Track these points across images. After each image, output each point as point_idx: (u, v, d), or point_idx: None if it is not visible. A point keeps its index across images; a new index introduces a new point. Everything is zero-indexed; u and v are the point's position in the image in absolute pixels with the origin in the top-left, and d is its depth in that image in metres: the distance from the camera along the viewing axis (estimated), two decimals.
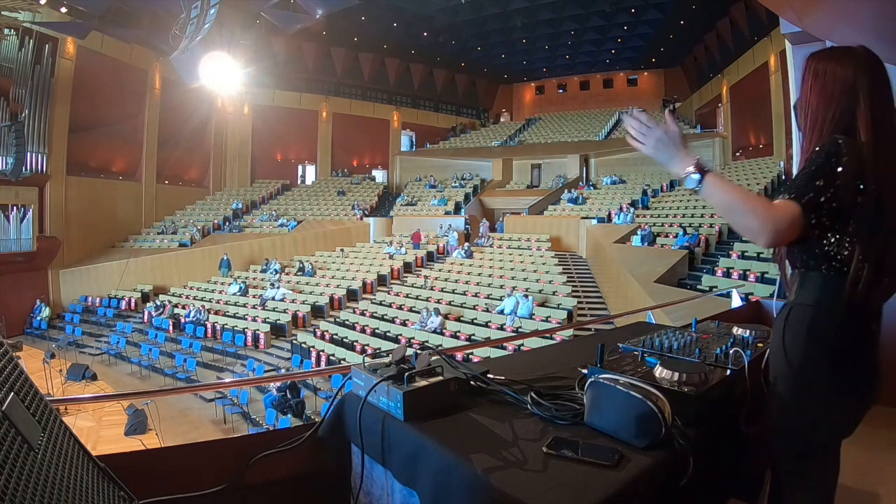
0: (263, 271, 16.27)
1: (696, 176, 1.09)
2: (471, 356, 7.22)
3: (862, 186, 1.04)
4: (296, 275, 15.93)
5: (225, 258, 16.49)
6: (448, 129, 28.03)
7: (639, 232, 12.88)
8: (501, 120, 29.52)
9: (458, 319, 11.38)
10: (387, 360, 1.28)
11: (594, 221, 15.11)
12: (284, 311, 13.32)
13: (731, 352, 1.34)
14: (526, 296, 11.04)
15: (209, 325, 13.04)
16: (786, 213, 1.03)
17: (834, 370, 1.11)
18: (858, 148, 1.05)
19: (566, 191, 18.65)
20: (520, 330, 10.23)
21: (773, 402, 1.21)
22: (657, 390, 1.06)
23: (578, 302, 11.38)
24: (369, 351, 10.48)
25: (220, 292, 15.13)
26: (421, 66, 27.34)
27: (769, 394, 1.23)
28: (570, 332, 8.63)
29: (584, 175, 20.88)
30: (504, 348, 7.92)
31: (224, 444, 1.42)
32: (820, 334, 1.11)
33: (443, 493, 0.98)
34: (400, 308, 12.62)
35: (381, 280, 14.99)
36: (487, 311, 11.42)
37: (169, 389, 9.07)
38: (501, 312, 11.05)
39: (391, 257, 16.04)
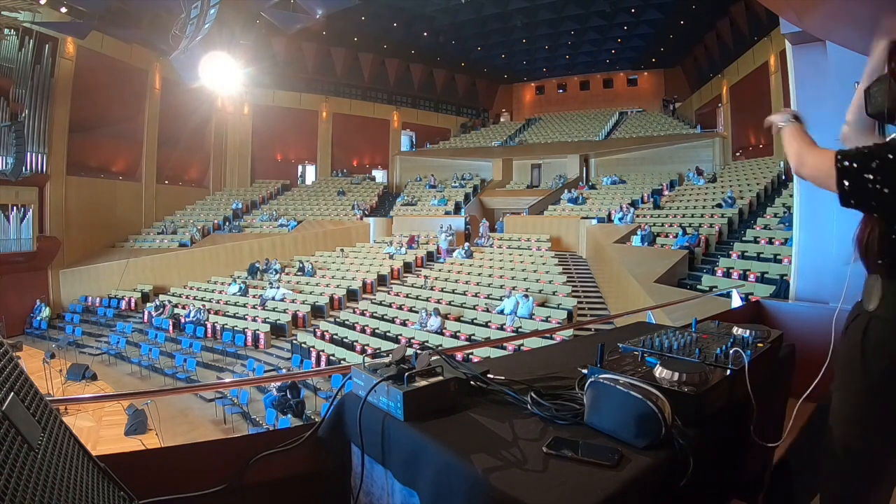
0: (264, 271, 16.27)
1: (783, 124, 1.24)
2: (471, 356, 7.22)
3: None
4: (296, 275, 15.93)
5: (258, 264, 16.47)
6: (448, 128, 28.09)
7: (639, 232, 12.88)
8: (501, 120, 29.51)
9: (458, 319, 11.38)
10: (387, 360, 1.28)
11: (594, 221, 15.10)
12: (284, 311, 13.33)
13: (731, 352, 1.34)
14: (526, 296, 11.04)
15: (209, 325, 13.04)
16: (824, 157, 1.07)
17: None
18: None
19: (566, 191, 18.66)
20: (520, 330, 10.24)
21: (841, 423, 1.17)
22: (657, 390, 1.06)
23: (578, 302, 11.37)
24: (369, 351, 10.48)
25: (220, 292, 15.14)
26: (421, 66, 27.33)
27: (837, 410, 1.18)
28: (570, 332, 8.63)
29: (584, 175, 20.88)
30: (504, 348, 7.92)
31: (224, 444, 1.42)
32: None
33: (443, 493, 0.98)
34: (400, 308, 12.62)
35: (381, 280, 14.99)
36: (487, 311, 11.42)
37: (169, 389, 9.06)
38: (501, 312, 11.05)
39: (391, 257, 16.05)
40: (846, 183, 1.02)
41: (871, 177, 0.99)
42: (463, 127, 28.36)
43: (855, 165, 1.01)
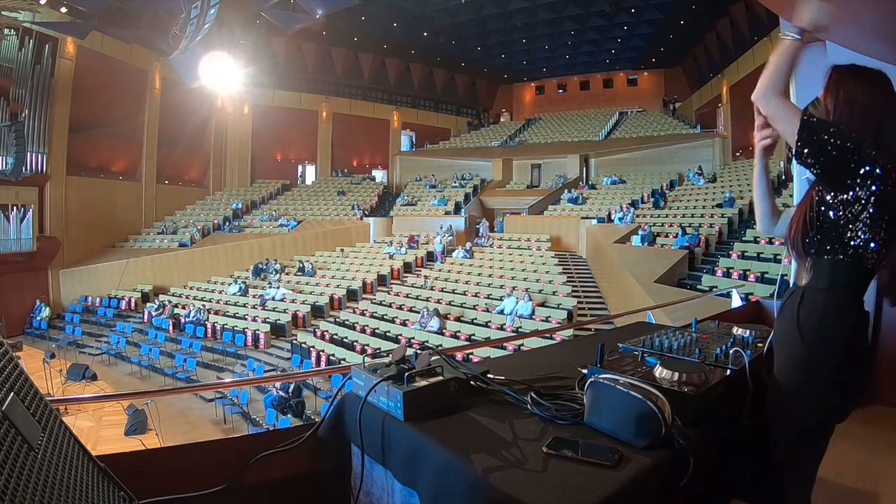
0: (264, 271, 16.27)
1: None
2: (471, 356, 7.21)
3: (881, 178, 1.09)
4: (296, 275, 15.93)
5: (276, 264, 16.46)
6: (448, 129, 28.11)
7: (639, 232, 12.88)
8: (501, 120, 29.51)
9: (458, 319, 11.38)
10: (387, 360, 1.28)
11: (594, 221, 15.10)
12: (284, 311, 13.32)
13: (731, 352, 1.34)
14: (529, 297, 11.03)
15: (209, 325, 13.03)
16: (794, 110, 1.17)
17: (847, 351, 1.16)
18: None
19: (566, 191, 18.65)
20: (520, 330, 10.23)
21: (780, 387, 1.23)
22: (657, 390, 1.06)
23: (578, 302, 11.37)
24: (369, 351, 10.48)
25: (220, 292, 15.14)
26: (421, 66, 27.32)
27: (774, 380, 1.25)
28: (570, 332, 8.62)
29: (584, 175, 20.88)
30: (504, 348, 7.92)
31: (224, 444, 1.42)
32: (836, 316, 1.16)
33: (443, 493, 0.98)
34: (400, 308, 12.62)
35: (381, 280, 14.99)
36: (487, 311, 11.42)
37: (169, 389, 9.06)
38: (501, 312, 11.05)
39: (391, 257, 16.05)
40: (805, 134, 1.13)
41: (825, 137, 1.12)
42: (469, 125, 28.42)
43: (817, 122, 1.14)
